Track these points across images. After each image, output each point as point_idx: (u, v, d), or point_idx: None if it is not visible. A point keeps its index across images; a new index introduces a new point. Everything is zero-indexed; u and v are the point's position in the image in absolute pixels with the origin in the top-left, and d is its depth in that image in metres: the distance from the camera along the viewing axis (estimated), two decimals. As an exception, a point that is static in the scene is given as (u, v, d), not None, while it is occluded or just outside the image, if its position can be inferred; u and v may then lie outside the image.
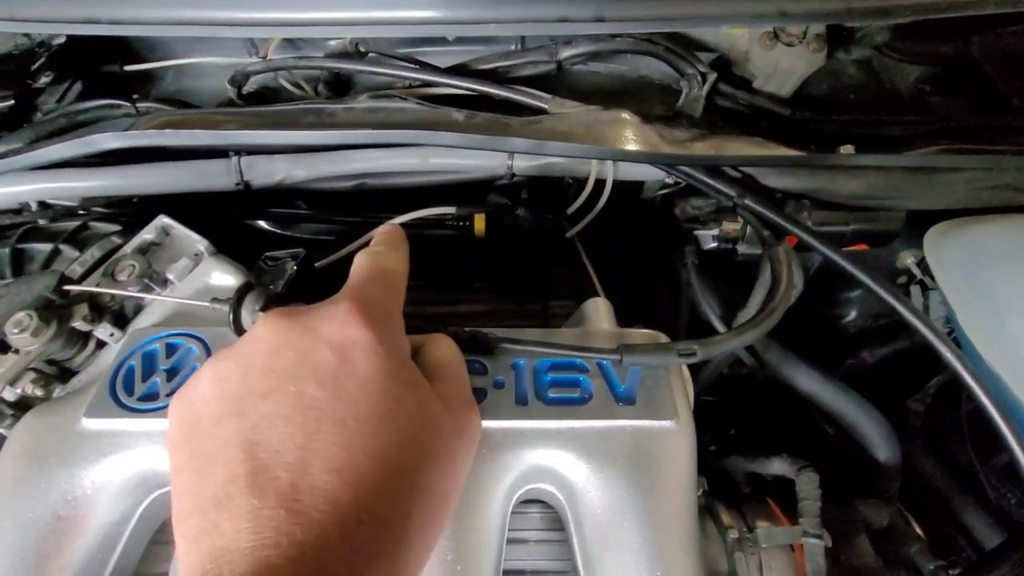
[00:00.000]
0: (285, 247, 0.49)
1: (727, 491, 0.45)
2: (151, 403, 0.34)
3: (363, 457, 0.23)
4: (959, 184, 0.48)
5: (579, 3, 0.51)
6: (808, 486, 0.38)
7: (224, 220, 0.57)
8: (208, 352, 0.36)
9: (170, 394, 0.34)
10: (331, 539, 0.21)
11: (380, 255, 0.33)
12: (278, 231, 0.59)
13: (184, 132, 0.45)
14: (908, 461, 0.56)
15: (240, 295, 0.35)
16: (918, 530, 0.52)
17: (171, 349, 0.36)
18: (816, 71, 0.65)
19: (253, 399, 0.23)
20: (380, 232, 0.35)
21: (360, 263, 0.32)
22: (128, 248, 0.42)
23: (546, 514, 0.38)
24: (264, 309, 0.35)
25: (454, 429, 0.27)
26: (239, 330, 0.35)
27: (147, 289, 0.40)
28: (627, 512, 0.31)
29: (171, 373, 0.35)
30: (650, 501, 0.31)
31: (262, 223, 0.59)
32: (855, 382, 0.63)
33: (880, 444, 0.46)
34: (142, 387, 0.35)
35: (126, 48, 0.73)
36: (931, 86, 0.69)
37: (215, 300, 0.36)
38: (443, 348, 0.32)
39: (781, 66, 0.61)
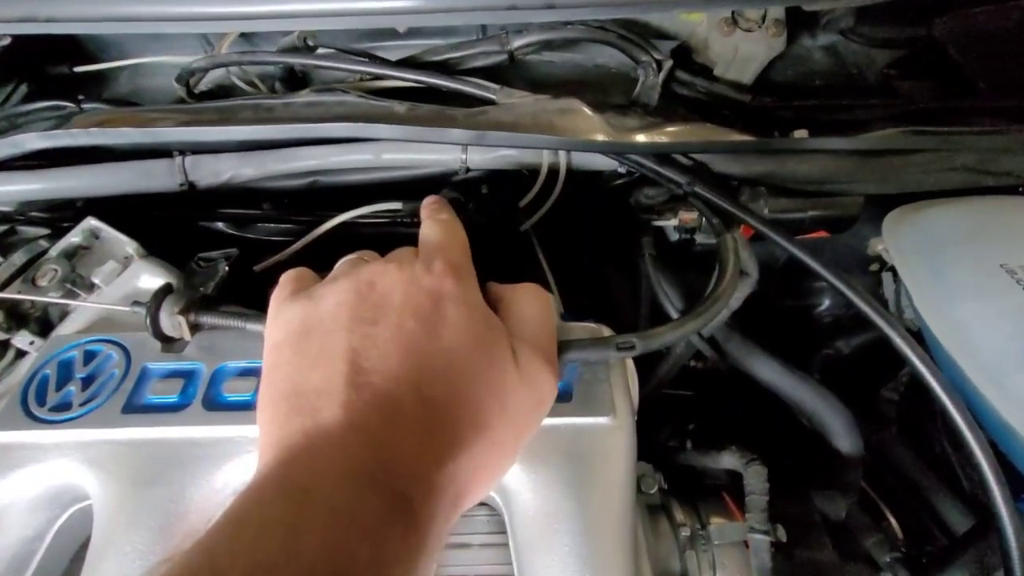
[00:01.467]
0: (243, 248, 0.48)
1: (686, 487, 0.43)
2: (63, 413, 0.32)
3: (443, 386, 0.26)
4: (913, 167, 0.46)
5: (529, -10, 0.50)
6: (755, 479, 0.37)
7: (178, 222, 0.56)
8: (128, 358, 0.34)
9: (84, 403, 0.33)
10: (408, 436, 0.24)
11: (449, 224, 0.34)
12: (234, 232, 0.57)
13: (112, 131, 0.43)
14: (883, 450, 0.55)
15: (159, 298, 0.33)
16: (892, 520, 0.51)
17: (89, 356, 0.34)
18: (782, 57, 0.64)
19: (362, 323, 0.27)
20: (432, 203, 0.37)
21: (435, 231, 0.33)
22: (52, 252, 0.40)
23: (492, 517, 0.36)
24: (185, 311, 0.34)
25: (527, 389, 0.28)
26: (157, 334, 0.33)
27: (70, 294, 0.38)
28: (558, 514, 0.29)
29: (87, 381, 0.34)
30: (582, 501, 0.29)
31: (219, 225, 0.57)
32: (831, 372, 0.62)
33: (841, 434, 0.45)
34: (55, 397, 0.33)
35: (77, 48, 0.71)
36: (897, 70, 0.68)
37: (136, 303, 0.35)
38: (526, 303, 0.33)
39: (740, 52, 0.60)
